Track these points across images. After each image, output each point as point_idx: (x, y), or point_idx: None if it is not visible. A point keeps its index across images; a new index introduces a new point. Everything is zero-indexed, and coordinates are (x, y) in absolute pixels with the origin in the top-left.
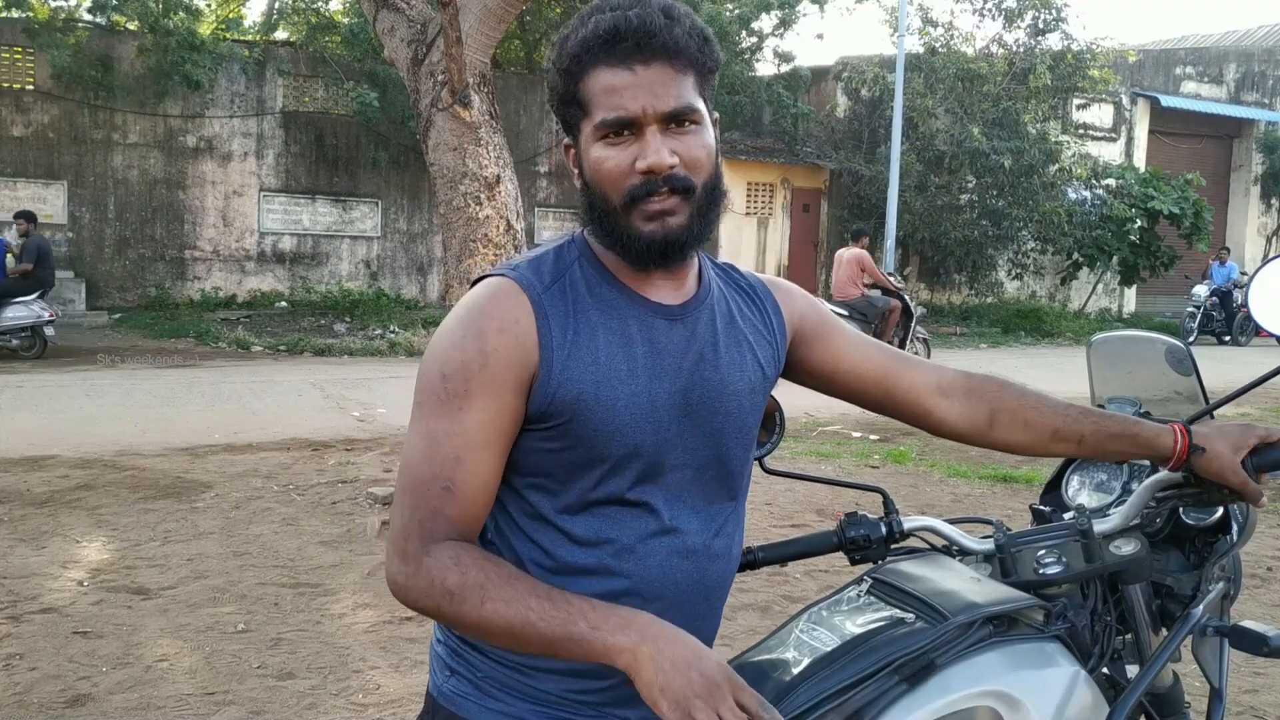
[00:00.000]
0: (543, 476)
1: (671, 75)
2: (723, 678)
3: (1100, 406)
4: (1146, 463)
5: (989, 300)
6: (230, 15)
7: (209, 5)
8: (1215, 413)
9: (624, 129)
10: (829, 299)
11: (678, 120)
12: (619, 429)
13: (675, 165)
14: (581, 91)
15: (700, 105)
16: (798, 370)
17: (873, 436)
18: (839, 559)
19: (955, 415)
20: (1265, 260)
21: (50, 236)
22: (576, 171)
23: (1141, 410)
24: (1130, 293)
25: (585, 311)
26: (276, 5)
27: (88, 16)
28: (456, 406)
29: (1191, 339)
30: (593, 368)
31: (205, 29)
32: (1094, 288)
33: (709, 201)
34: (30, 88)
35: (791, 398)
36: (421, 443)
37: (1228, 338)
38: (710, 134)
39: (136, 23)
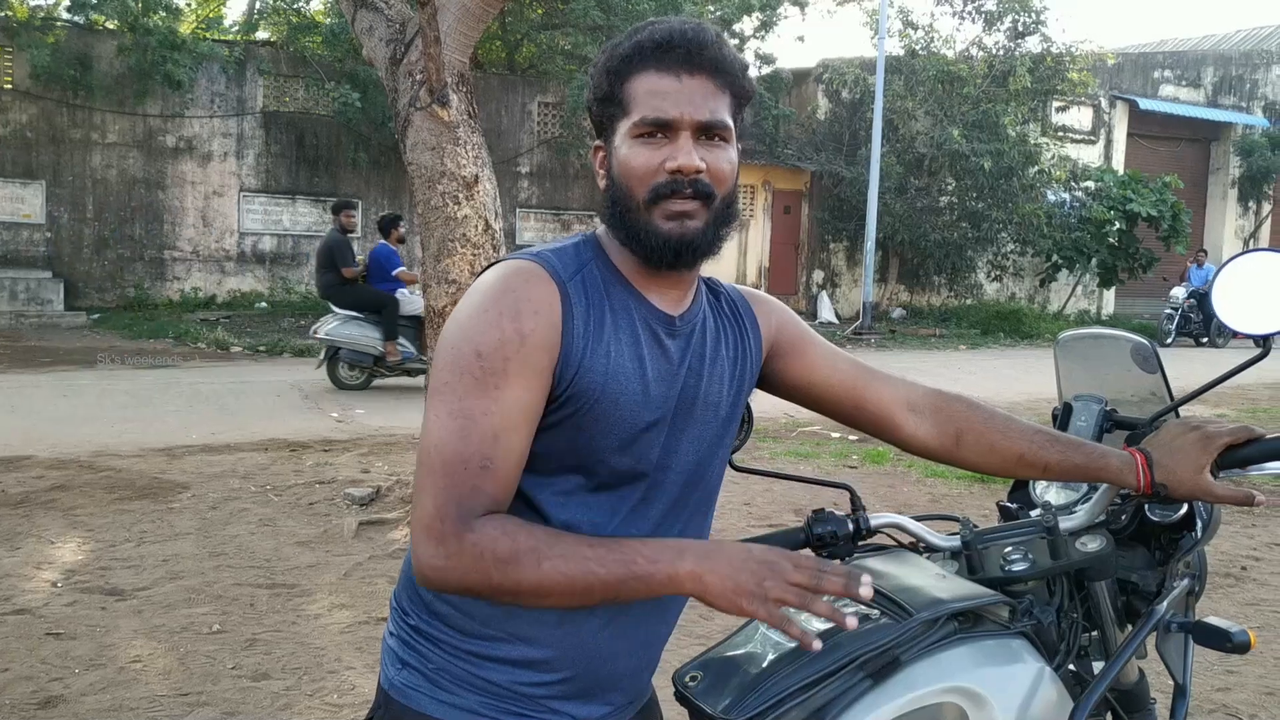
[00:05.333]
0: (535, 460)
1: (712, 90)
2: (776, 555)
3: (1068, 405)
4: None
5: (968, 302)
6: (210, 15)
7: (189, 4)
8: (1189, 409)
9: (660, 130)
10: None
11: (709, 133)
12: (618, 424)
13: (702, 171)
14: (625, 91)
15: (731, 124)
16: (771, 382)
17: (851, 437)
18: None
19: (923, 432)
20: (1224, 262)
21: (28, 237)
22: (603, 172)
23: (1108, 408)
24: (1109, 294)
25: (600, 306)
26: (257, 5)
27: (66, 15)
28: (494, 385)
29: (1169, 340)
30: (604, 361)
31: (185, 28)
32: (1073, 289)
33: (725, 215)
34: (8, 87)
35: (772, 399)
36: (454, 422)
37: (1205, 339)
38: (735, 154)
39: (116, 22)
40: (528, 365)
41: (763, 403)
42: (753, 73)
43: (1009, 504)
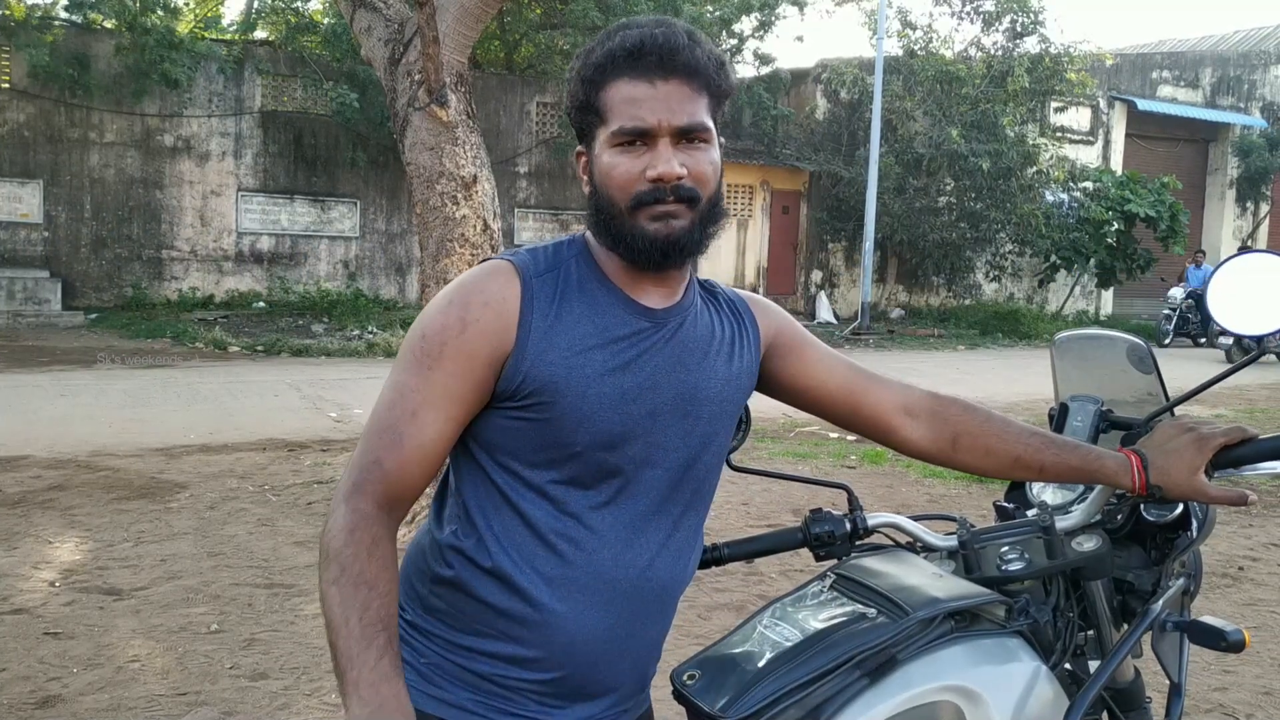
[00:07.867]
0: (511, 456)
1: (688, 93)
2: None
3: (1064, 405)
4: None
5: (967, 302)
6: (208, 14)
7: (187, 4)
8: (1184, 409)
9: (638, 138)
10: None
11: (688, 136)
12: (586, 417)
13: (683, 176)
14: (601, 100)
15: (710, 125)
16: (768, 383)
17: (849, 438)
18: (813, 559)
19: (918, 435)
20: (1220, 263)
21: (25, 236)
22: (586, 178)
23: (1104, 408)
24: (1107, 295)
25: (570, 302)
26: (255, 4)
27: (64, 15)
28: (427, 366)
29: (1167, 341)
30: (567, 354)
31: (183, 27)
32: (1071, 290)
33: (710, 215)
34: (6, 86)
35: (771, 400)
36: (390, 393)
37: (1203, 339)
38: (716, 153)
39: (113, 21)
40: (463, 352)
41: (761, 403)
42: (744, 70)
43: (1005, 504)
